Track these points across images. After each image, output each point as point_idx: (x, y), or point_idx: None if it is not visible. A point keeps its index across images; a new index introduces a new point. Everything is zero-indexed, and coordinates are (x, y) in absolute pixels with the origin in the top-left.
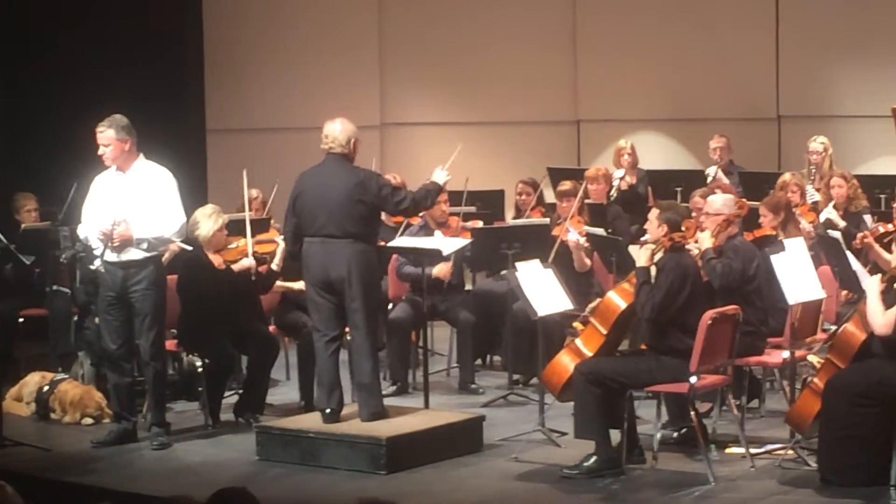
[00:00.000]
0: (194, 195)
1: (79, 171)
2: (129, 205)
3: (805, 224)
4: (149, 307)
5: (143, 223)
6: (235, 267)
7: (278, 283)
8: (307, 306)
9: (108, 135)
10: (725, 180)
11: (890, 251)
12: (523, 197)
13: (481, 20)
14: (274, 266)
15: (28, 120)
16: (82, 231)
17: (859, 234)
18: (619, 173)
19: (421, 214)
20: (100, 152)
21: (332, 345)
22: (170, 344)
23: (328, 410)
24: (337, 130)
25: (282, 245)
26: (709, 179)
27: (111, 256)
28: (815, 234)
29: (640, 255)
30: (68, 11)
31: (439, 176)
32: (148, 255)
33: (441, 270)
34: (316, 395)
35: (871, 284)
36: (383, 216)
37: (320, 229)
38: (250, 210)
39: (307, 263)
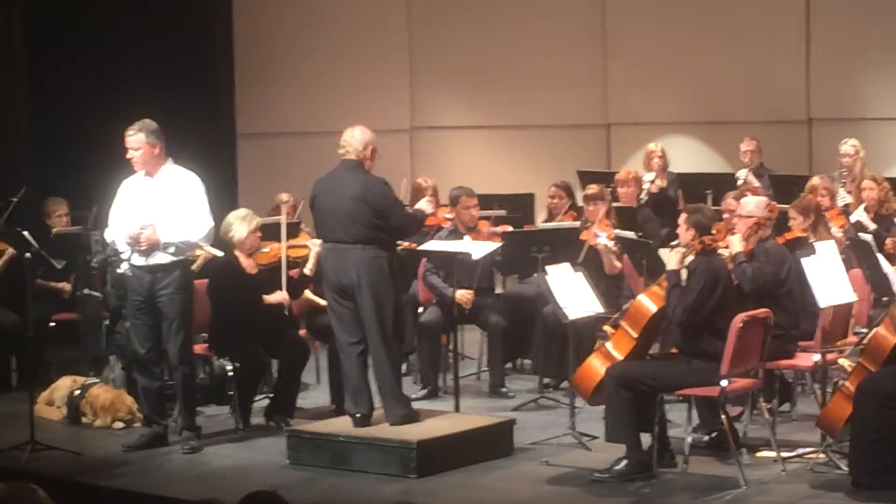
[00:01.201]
0: (225, 199)
1: (110, 176)
2: (157, 209)
3: (835, 229)
4: (176, 311)
5: (170, 228)
6: (268, 299)
7: (307, 293)
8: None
9: (138, 138)
10: (756, 183)
11: None
12: (555, 200)
13: (511, 24)
14: (307, 271)
15: (59, 125)
16: (109, 235)
17: (889, 239)
18: (649, 177)
19: (451, 218)
20: (129, 156)
21: (355, 349)
22: (201, 348)
23: (358, 416)
24: (353, 137)
25: (315, 249)
26: (739, 182)
27: (138, 260)
28: (845, 240)
29: (671, 258)
30: (98, 16)
31: (425, 206)
32: (175, 258)
33: (463, 297)
34: (345, 401)
35: None
36: None
37: (331, 234)
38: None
39: (324, 269)
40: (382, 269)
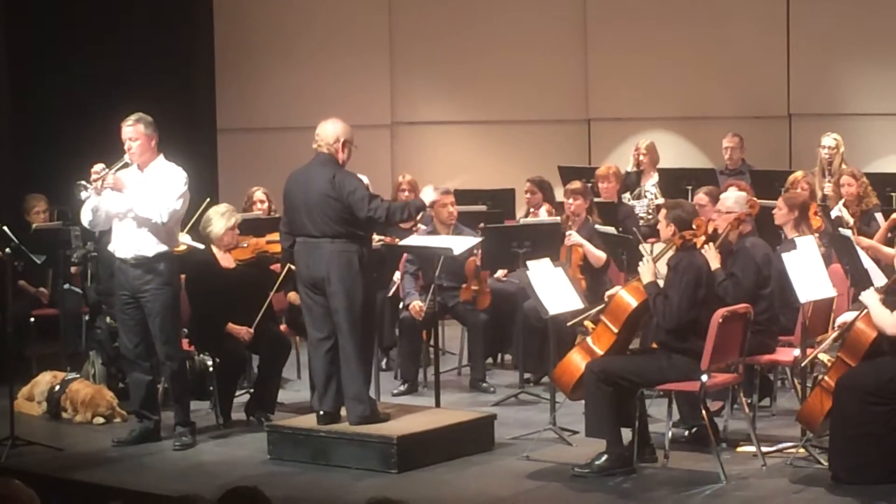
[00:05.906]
0: (204, 195)
1: (89, 172)
2: (142, 198)
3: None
4: (159, 307)
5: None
6: (232, 328)
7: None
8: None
9: (138, 129)
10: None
11: (893, 245)
12: (528, 196)
13: (492, 19)
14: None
15: (38, 121)
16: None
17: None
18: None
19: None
20: (126, 146)
21: (324, 345)
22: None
23: (321, 413)
24: (325, 130)
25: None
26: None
27: (123, 253)
28: (821, 243)
29: (643, 271)
30: (78, 14)
31: (429, 195)
32: (159, 251)
33: (414, 307)
34: (312, 397)
35: (869, 298)
36: None
37: (302, 228)
38: (259, 210)
39: (296, 263)
40: (352, 264)
